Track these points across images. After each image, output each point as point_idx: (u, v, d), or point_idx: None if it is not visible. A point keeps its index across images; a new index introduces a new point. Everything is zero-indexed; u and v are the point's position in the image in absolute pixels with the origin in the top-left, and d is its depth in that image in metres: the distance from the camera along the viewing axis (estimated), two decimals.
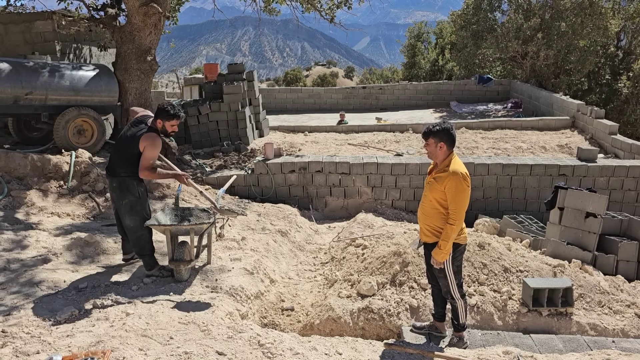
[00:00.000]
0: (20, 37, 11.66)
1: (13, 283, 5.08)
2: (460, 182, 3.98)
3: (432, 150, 4.15)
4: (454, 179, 3.98)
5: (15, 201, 7.22)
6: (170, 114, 5.04)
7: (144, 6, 9.36)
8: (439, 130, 4.07)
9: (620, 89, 19.91)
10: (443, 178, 4.04)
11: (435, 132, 4.08)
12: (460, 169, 4.02)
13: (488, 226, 7.92)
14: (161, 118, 5.06)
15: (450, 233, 4.03)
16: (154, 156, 5.06)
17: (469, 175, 4.08)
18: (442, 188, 4.04)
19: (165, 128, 5.11)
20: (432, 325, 4.72)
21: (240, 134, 12.10)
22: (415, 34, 32.63)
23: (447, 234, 4.05)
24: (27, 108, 8.74)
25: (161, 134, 5.14)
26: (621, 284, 5.66)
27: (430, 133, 4.11)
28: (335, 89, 21.76)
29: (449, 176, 4.00)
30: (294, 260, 7.01)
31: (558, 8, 18.17)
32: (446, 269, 4.20)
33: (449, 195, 4.02)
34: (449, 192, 4.01)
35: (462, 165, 4.09)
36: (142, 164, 4.98)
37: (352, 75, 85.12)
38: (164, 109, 5.06)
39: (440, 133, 4.07)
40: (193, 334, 4.04)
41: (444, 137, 4.06)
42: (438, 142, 4.08)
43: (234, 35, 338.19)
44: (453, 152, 4.15)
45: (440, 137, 4.07)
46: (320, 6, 12.75)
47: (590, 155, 9.43)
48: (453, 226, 4.01)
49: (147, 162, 4.99)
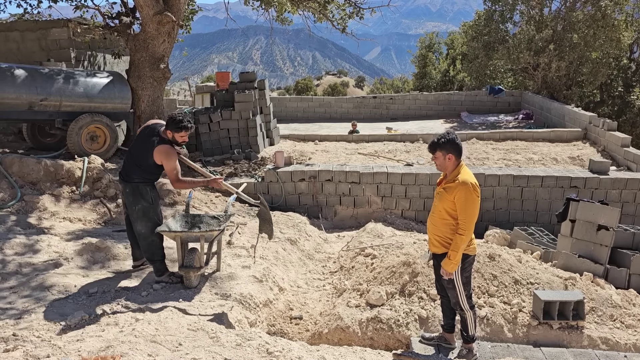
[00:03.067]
0: (36, 44, 11.85)
1: (24, 287, 5.13)
2: (470, 192, 3.96)
3: (441, 163, 4.13)
4: (464, 188, 3.97)
5: (28, 206, 7.30)
6: (179, 126, 5.04)
7: (158, 15, 9.48)
8: (445, 142, 4.05)
9: (633, 101, 19.80)
10: (452, 188, 4.03)
11: (441, 144, 4.06)
12: (469, 179, 4.00)
13: (498, 237, 7.87)
14: (170, 129, 5.08)
15: (459, 243, 4.01)
16: (175, 165, 5.09)
17: (479, 186, 4.06)
18: (452, 198, 4.03)
19: (174, 138, 5.13)
20: (441, 337, 4.68)
21: (251, 142, 12.15)
22: (427, 44, 32.67)
23: (456, 244, 4.02)
24: (42, 114, 8.86)
25: (172, 143, 5.17)
26: (633, 297, 5.59)
27: (437, 146, 4.09)
28: (346, 99, 21.82)
29: (459, 186, 3.99)
30: (303, 269, 7.01)
31: (570, 20, 18.13)
32: (455, 280, 4.17)
33: (459, 205, 4.00)
34: (459, 202, 3.99)
35: (472, 175, 4.07)
36: (170, 177, 5.06)
37: (363, 84, 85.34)
38: (174, 120, 5.06)
39: (447, 145, 4.05)
40: (202, 341, 4.05)
41: (451, 148, 4.05)
42: (446, 154, 4.07)
43: (245, 44, 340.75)
44: (462, 161, 4.13)
45: (447, 148, 4.05)
46: (332, 16, 12.83)
47: (603, 167, 9.35)
48: (462, 236, 3.98)
49: (172, 173, 5.05)
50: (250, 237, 7.28)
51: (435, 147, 4.10)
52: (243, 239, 7.08)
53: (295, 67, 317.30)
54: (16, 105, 8.45)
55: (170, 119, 5.10)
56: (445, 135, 4.09)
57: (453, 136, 4.07)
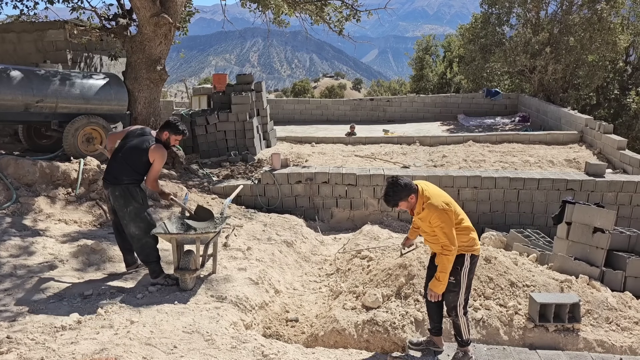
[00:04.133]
0: (32, 46, 11.83)
1: (19, 289, 5.11)
2: (442, 213, 4.00)
3: (409, 206, 4.17)
4: (435, 213, 4.00)
5: (23, 207, 7.27)
6: (179, 130, 5.38)
7: (155, 17, 9.47)
8: (399, 192, 4.06)
9: (629, 104, 19.85)
10: (425, 215, 4.07)
11: (398, 196, 4.08)
12: (437, 201, 4.04)
13: (495, 240, 7.88)
14: (169, 131, 5.36)
15: (447, 264, 4.02)
16: (161, 168, 5.35)
17: (449, 203, 4.08)
18: (429, 224, 4.08)
19: (169, 141, 5.39)
20: (429, 341, 4.64)
21: (248, 144, 12.15)
22: (424, 47, 32.74)
23: (444, 266, 4.03)
24: (38, 115, 8.82)
25: (164, 145, 5.38)
26: (629, 300, 5.60)
27: (397, 200, 4.10)
28: (343, 101, 21.84)
29: (430, 212, 4.02)
30: (299, 271, 7.00)
31: (567, 23, 18.20)
32: (461, 281, 4.18)
33: (436, 229, 4.03)
34: (435, 226, 4.03)
35: (439, 194, 4.12)
36: (152, 175, 5.23)
37: (360, 87, 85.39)
38: (174, 124, 5.37)
39: (401, 192, 4.06)
40: (197, 344, 4.04)
41: (405, 191, 4.06)
42: (407, 199, 4.09)
43: (243, 46, 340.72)
44: (419, 188, 4.12)
45: (404, 194, 4.07)
46: (329, 19, 12.85)
47: (599, 170, 9.37)
48: (448, 256, 4.00)
49: (156, 173, 5.25)
50: (247, 240, 7.27)
51: (396, 201, 4.12)
52: (239, 241, 7.07)
53: (293, 69, 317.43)
54: (12, 107, 8.41)
55: (170, 122, 5.39)
56: (392, 186, 4.09)
57: (398, 181, 4.08)
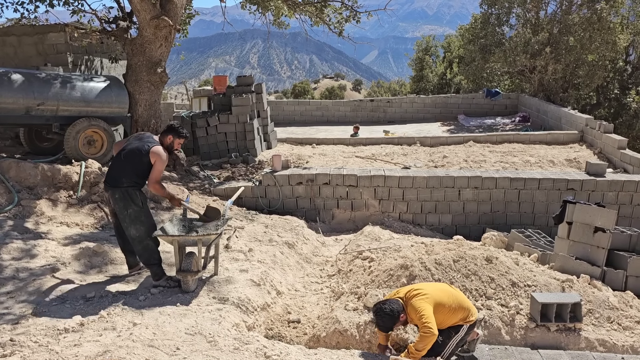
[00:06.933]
0: (33, 49, 11.84)
1: (22, 292, 5.12)
2: (416, 304, 4.14)
3: (405, 323, 4.33)
4: (411, 310, 4.18)
5: (25, 210, 7.29)
6: (182, 134, 5.52)
7: (155, 19, 9.49)
8: (387, 319, 4.20)
9: (629, 104, 19.87)
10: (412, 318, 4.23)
11: (392, 322, 4.23)
12: (412, 300, 4.21)
13: (496, 240, 7.89)
14: (173, 135, 5.46)
15: (426, 345, 4.07)
16: (162, 169, 5.34)
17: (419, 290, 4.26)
18: (415, 319, 4.20)
19: (172, 144, 5.48)
20: None
21: (249, 146, 12.16)
22: (424, 47, 32.74)
23: (423, 345, 4.07)
24: (39, 118, 8.84)
25: (166, 149, 5.42)
26: (630, 299, 5.61)
27: (391, 325, 4.26)
28: (343, 102, 21.85)
29: (410, 311, 4.21)
30: (301, 272, 7.01)
31: (566, 23, 18.20)
32: (449, 344, 4.27)
33: (416, 318, 4.16)
34: (415, 317, 4.17)
35: (408, 290, 4.31)
36: (154, 177, 5.24)
37: (360, 88, 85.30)
38: (177, 128, 5.51)
39: (391, 319, 4.20)
40: (199, 345, 4.05)
41: (396, 316, 4.19)
42: (400, 320, 4.23)
43: (243, 47, 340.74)
44: (403, 304, 4.26)
45: (395, 319, 4.20)
46: (328, 20, 12.86)
47: (599, 169, 9.38)
48: (428, 336, 4.04)
49: (158, 174, 5.26)
50: (248, 241, 7.28)
51: (390, 326, 4.29)
52: (241, 243, 7.08)
53: (293, 70, 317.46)
54: (13, 110, 8.43)
55: (173, 126, 5.53)
56: (379, 317, 4.24)
57: (382, 309, 4.22)
